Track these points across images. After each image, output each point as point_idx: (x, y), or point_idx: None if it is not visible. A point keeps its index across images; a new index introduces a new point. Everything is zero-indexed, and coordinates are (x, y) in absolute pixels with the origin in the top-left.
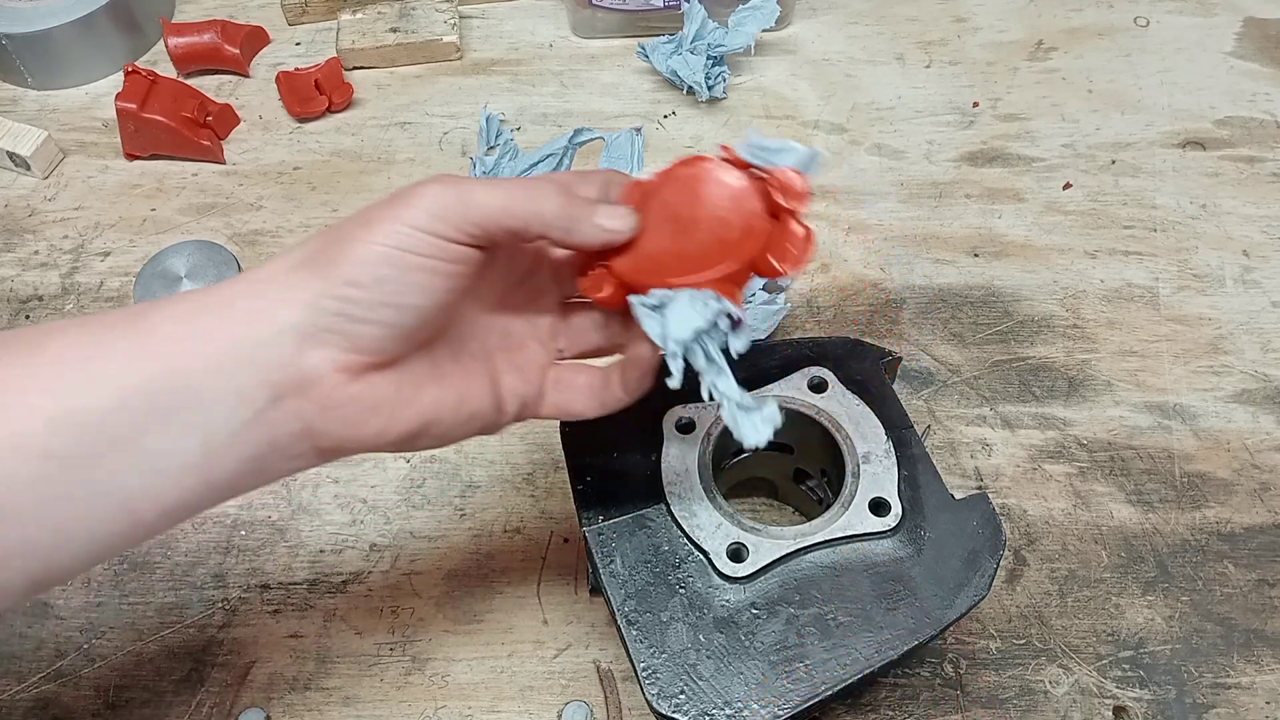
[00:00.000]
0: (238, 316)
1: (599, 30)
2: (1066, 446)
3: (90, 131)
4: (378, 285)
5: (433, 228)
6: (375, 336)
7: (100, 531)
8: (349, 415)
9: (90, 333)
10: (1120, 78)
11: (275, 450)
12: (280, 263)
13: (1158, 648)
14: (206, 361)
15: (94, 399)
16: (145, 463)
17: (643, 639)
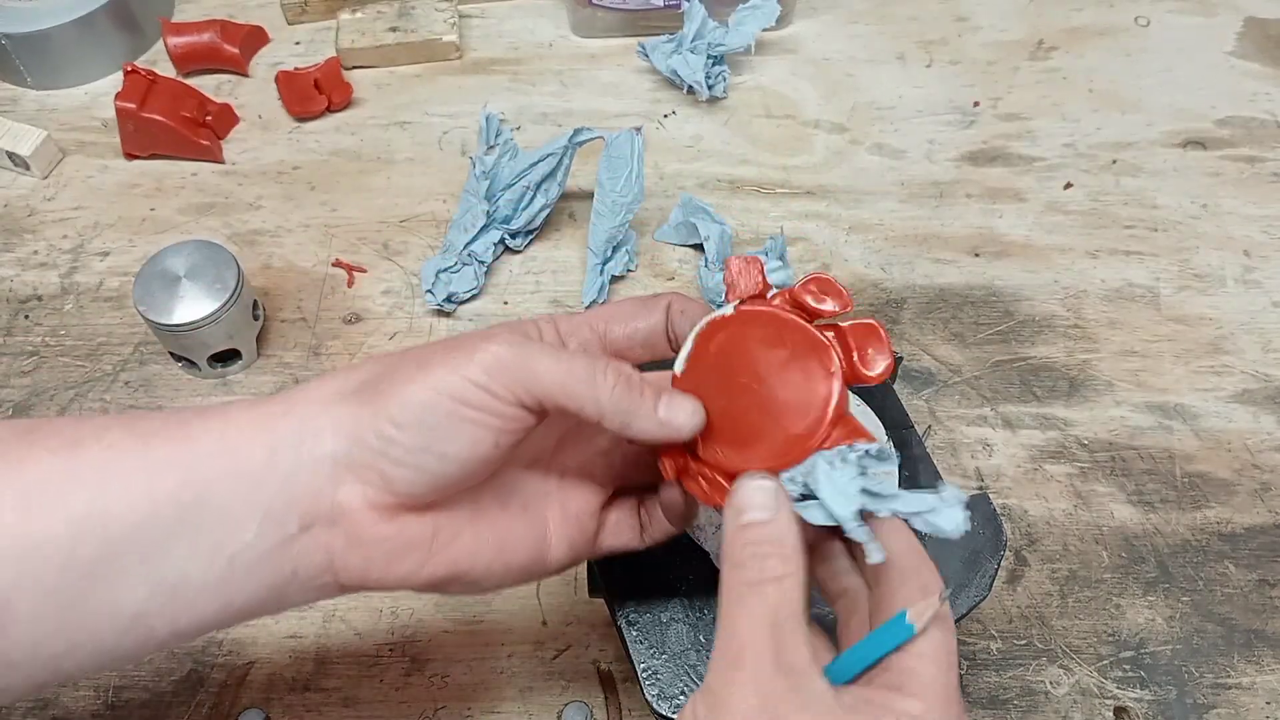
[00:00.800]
0: (278, 438)
1: (599, 29)
2: (1067, 447)
3: (89, 131)
4: (422, 430)
5: (488, 386)
6: (412, 481)
7: (110, 644)
8: (375, 555)
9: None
10: (1121, 77)
11: (297, 579)
12: (328, 386)
13: (1158, 648)
14: (240, 480)
15: (125, 507)
16: (165, 578)
17: (643, 640)
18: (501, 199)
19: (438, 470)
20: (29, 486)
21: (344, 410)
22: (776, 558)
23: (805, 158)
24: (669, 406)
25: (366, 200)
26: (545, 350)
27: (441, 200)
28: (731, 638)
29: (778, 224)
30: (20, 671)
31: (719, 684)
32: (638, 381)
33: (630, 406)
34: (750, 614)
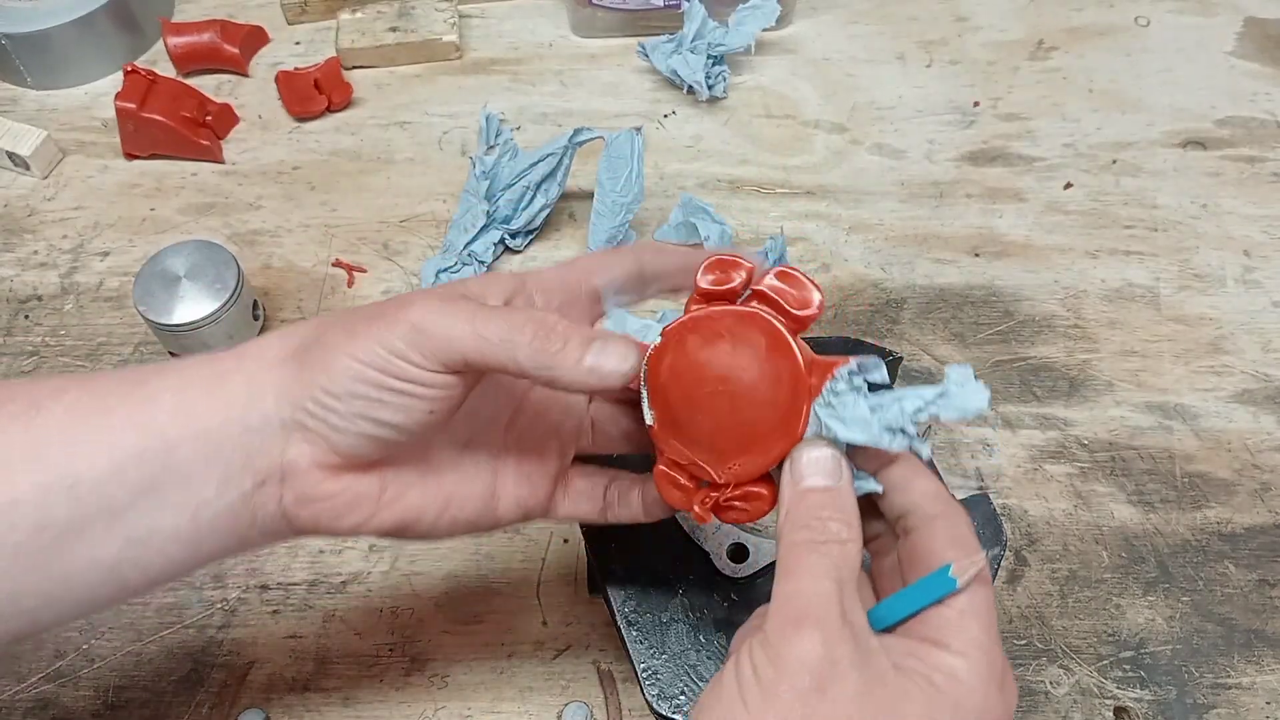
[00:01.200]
0: (230, 398)
1: (599, 29)
2: (1067, 446)
3: (89, 131)
4: (354, 400)
5: (408, 356)
6: (353, 445)
7: (86, 596)
8: (323, 510)
9: (91, 397)
10: (1121, 77)
11: (256, 526)
12: (273, 345)
13: (1158, 648)
14: (199, 442)
15: (89, 467)
16: (135, 533)
17: (643, 639)
18: (501, 199)
19: (377, 434)
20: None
21: (284, 373)
22: (839, 521)
23: (805, 158)
24: (598, 353)
25: (366, 200)
26: (461, 311)
27: (441, 200)
28: (795, 593)
29: (778, 224)
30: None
31: (780, 638)
32: (560, 331)
33: (551, 360)
34: (814, 571)
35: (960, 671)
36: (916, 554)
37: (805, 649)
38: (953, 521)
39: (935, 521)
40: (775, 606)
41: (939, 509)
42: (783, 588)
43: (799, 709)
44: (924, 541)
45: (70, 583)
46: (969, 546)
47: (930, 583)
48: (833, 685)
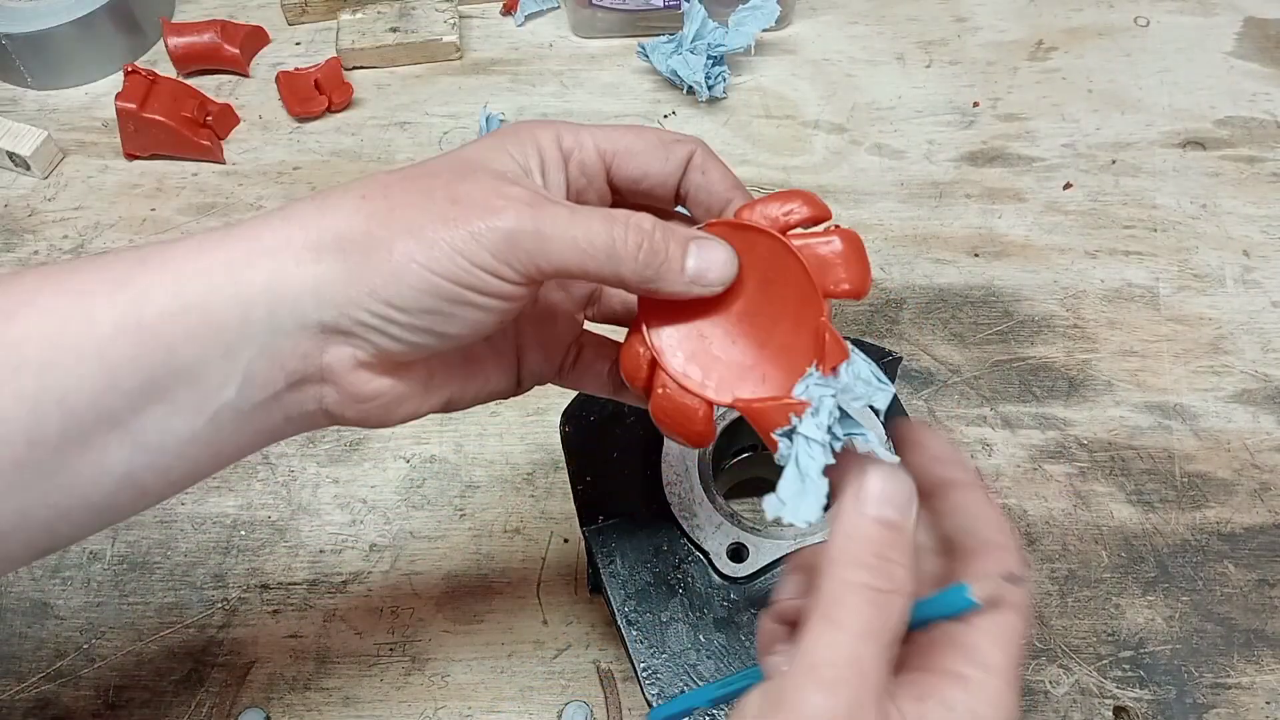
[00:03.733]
0: (246, 295)
1: (599, 30)
2: (1067, 446)
3: (90, 131)
4: (423, 314)
5: (496, 269)
6: (407, 352)
7: (103, 503)
8: (370, 407)
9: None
10: (1120, 78)
11: (289, 422)
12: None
13: (1158, 648)
14: (208, 343)
15: (79, 379)
16: (145, 439)
17: (643, 639)
18: None
19: (434, 345)
20: None
21: (325, 271)
22: (900, 567)
23: (805, 158)
24: (699, 258)
25: None
26: (559, 218)
27: None
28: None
29: None
30: (14, 540)
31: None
32: (660, 239)
33: (656, 271)
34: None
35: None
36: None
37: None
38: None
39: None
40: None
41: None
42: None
43: None
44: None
45: (81, 493)
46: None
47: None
48: None
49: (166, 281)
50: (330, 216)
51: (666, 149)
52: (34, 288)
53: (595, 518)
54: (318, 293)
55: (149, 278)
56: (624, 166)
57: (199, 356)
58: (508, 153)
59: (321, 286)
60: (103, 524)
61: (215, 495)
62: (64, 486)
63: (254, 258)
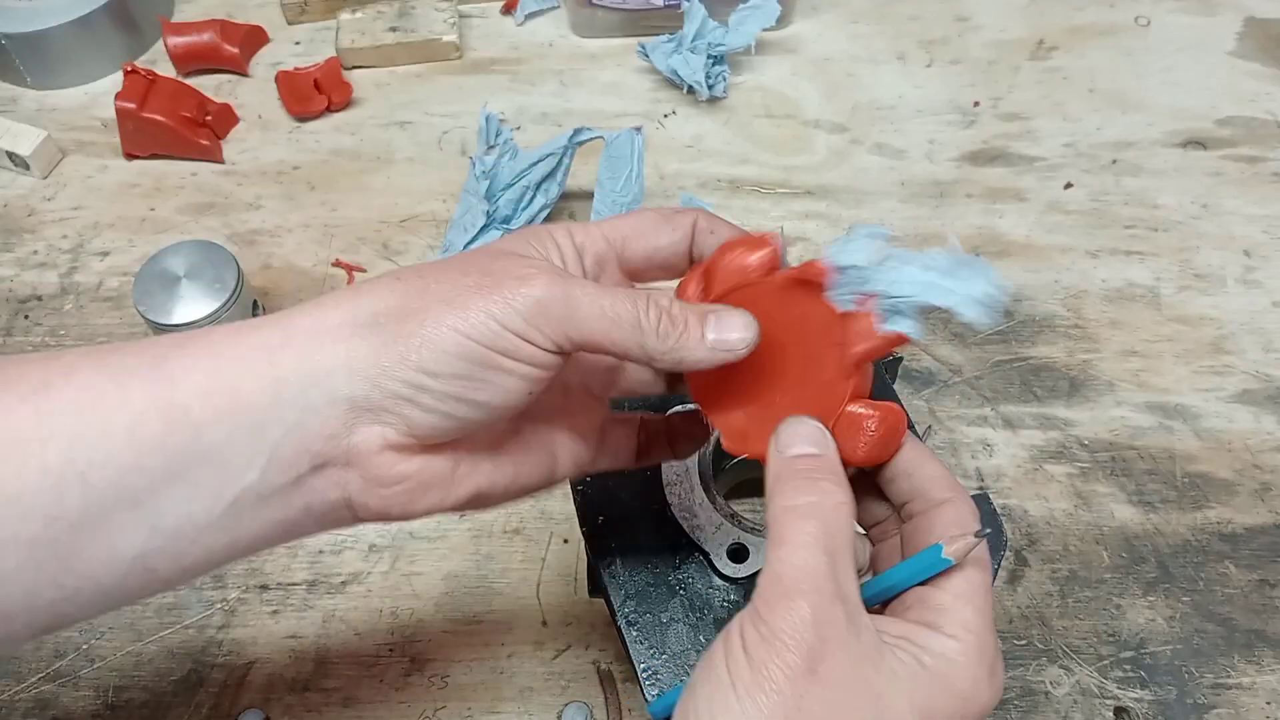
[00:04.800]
0: (279, 375)
1: (599, 29)
2: (1068, 447)
3: (89, 131)
4: (456, 380)
5: (526, 333)
6: (437, 426)
7: (112, 587)
8: (395, 494)
9: (107, 375)
10: (1122, 77)
11: (310, 514)
12: (333, 314)
13: (1159, 648)
14: (237, 423)
15: (104, 454)
16: (162, 523)
17: (643, 640)
18: (501, 199)
19: (467, 416)
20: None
21: (359, 347)
22: (829, 480)
23: (806, 157)
24: (718, 328)
25: (366, 200)
26: (585, 291)
27: (441, 200)
28: (784, 563)
29: (778, 224)
30: (18, 620)
31: (771, 612)
32: (679, 313)
33: (678, 344)
34: (805, 541)
35: (951, 653)
36: (920, 538)
37: (797, 624)
38: (959, 508)
39: (942, 507)
40: (765, 578)
41: (946, 494)
42: (773, 558)
43: (789, 690)
44: (928, 526)
45: (92, 576)
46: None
47: (920, 560)
48: (823, 664)
49: (202, 362)
50: (366, 297)
51: (669, 221)
52: (74, 362)
53: (595, 518)
54: (350, 366)
55: (186, 359)
56: (634, 248)
57: (226, 437)
58: (530, 245)
59: (354, 360)
60: (108, 608)
61: None
62: (76, 569)
63: (291, 339)
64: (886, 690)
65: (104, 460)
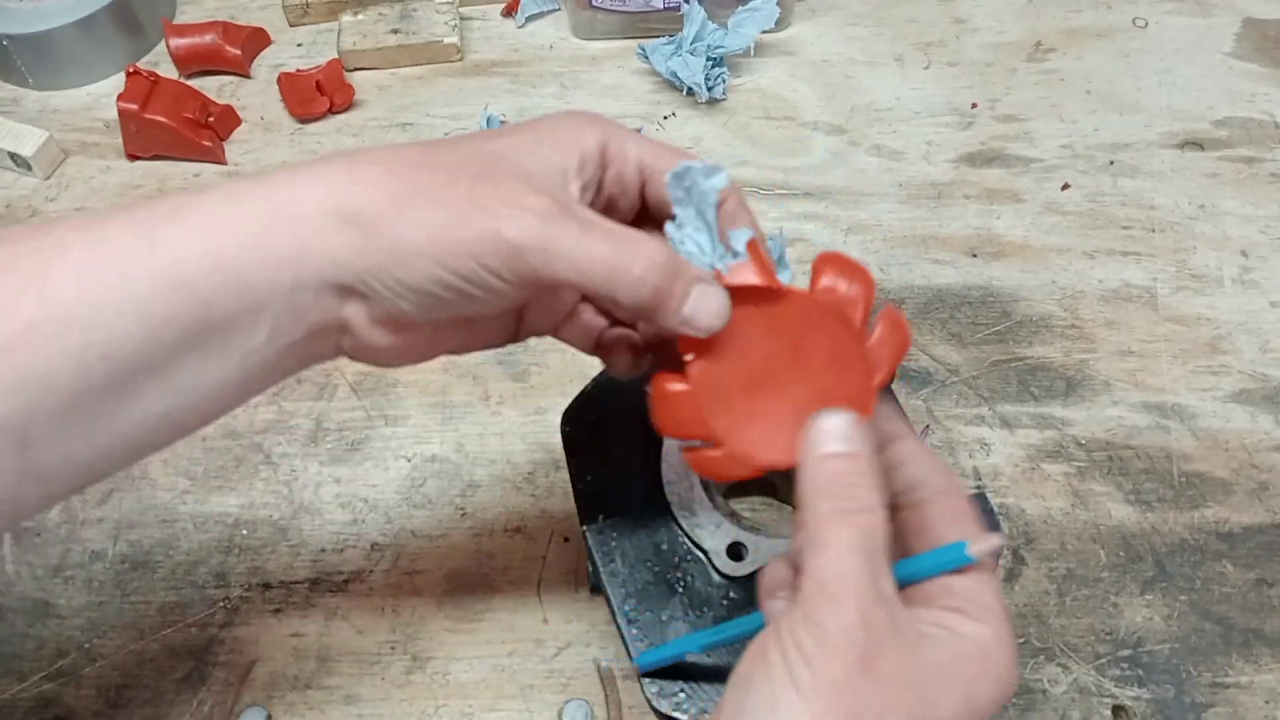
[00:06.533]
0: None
1: (599, 32)
2: (1065, 446)
3: (92, 132)
4: (430, 295)
5: (499, 273)
6: (417, 317)
7: (141, 440)
8: (381, 352)
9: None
10: (1119, 78)
11: (311, 360)
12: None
13: (1156, 647)
14: (241, 296)
15: (121, 333)
16: (181, 384)
17: (643, 638)
18: None
19: (442, 315)
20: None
21: (342, 241)
22: (864, 488)
23: (804, 159)
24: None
25: None
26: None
27: None
28: (828, 569)
29: (777, 225)
30: (58, 481)
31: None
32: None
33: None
34: (846, 546)
35: (983, 638)
36: (922, 527)
37: (848, 627)
38: (958, 499)
39: (944, 497)
40: (810, 583)
41: (947, 485)
42: (816, 563)
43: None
44: (930, 515)
45: (122, 433)
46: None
47: (944, 554)
48: (875, 662)
49: (198, 239)
50: (356, 187)
51: None
52: (63, 241)
53: (595, 517)
54: (335, 260)
55: (182, 234)
56: (659, 188)
57: (231, 310)
58: (542, 152)
59: (338, 254)
60: (139, 458)
61: (217, 494)
62: (106, 429)
63: (282, 218)
64: (931, 679)
65: (121, 340)
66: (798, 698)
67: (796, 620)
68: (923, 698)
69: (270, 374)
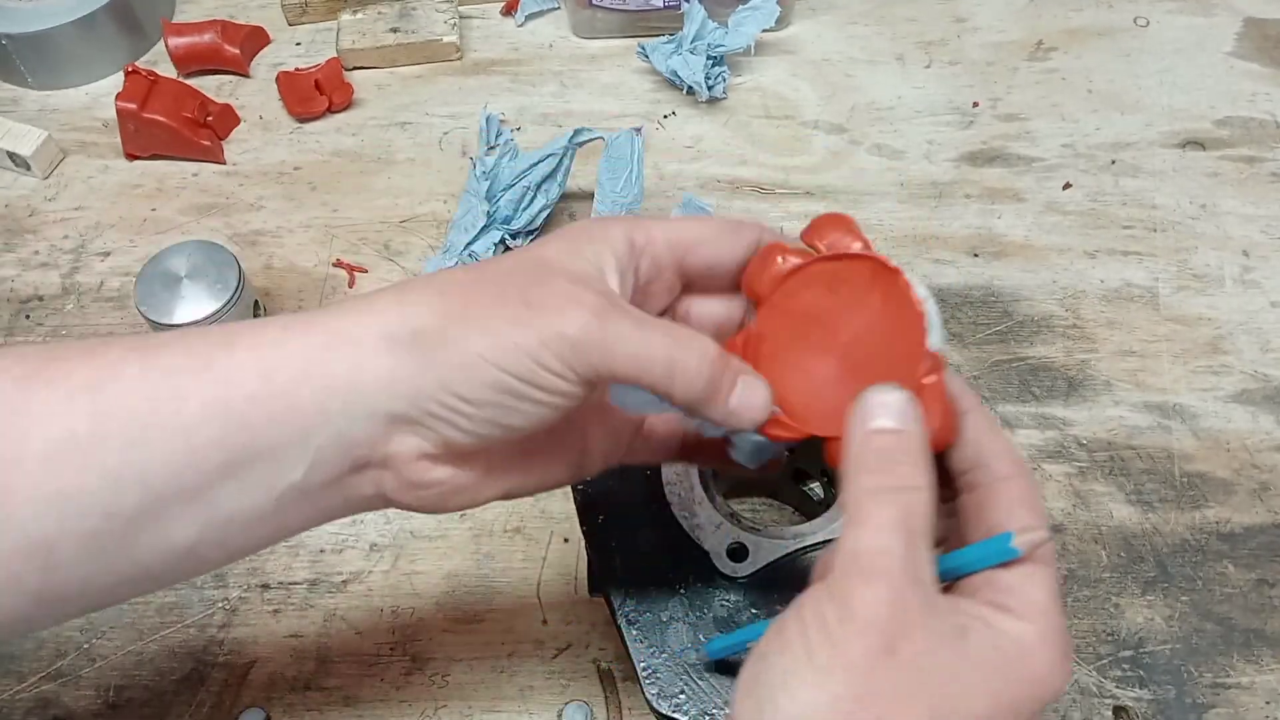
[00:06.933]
0: (325, 382)
1: (599, 30)
2: (1066, 446)
3: (91, 131)
4: (485, 406)
5: (559, 370)
6: (471, 444)
7: (163, 572)
8: (428, 495)
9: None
10: (1120, 78)
11: (347, 505)
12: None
13: (1157, 647)
14: (286, 426)
15: (162, 456)
16: (214, 516)
17: (643, 639)
18: (502, 199)
19: (498, 436)
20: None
21: (399, 364)
22: (908, 465)
23: (805, 158)
24: (742, 395)
25: (367, 200)
26: (624, 330)
27: (442, 201)
28: (861, 543)
29: (778, 224)
30: (73, 604)
31: (847, 591)
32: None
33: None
34: (884, 522)
35: (1025, 637)
36: (979, 513)
37: (874, 605)
38: (1026, 485)
39: (1008, 483)
40: (842, 558)
41: (1012, 470)
42: (850, 537)
43: (867, 668)
44: (992, 500)
45: (145, 564)
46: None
47: (989, 547)
48: (901, 645)
49: (252, 366)
50: (409, 309)
51: (735, 235)
52: (120, 359)
53: (595, 517)
54: (391, 385)
55: (236, 360)
56: (697, 256)
57: (277, 439)
58: (582, 254)
59: (395, 379)
60: (157, 588)
61: None
62: (131, 558)
63: (337, 346)
64: (962, 673)
65: (163, 462)
66: (812, 675)
67: (822, 595)
68: (948, 690)
69: (305, 513)
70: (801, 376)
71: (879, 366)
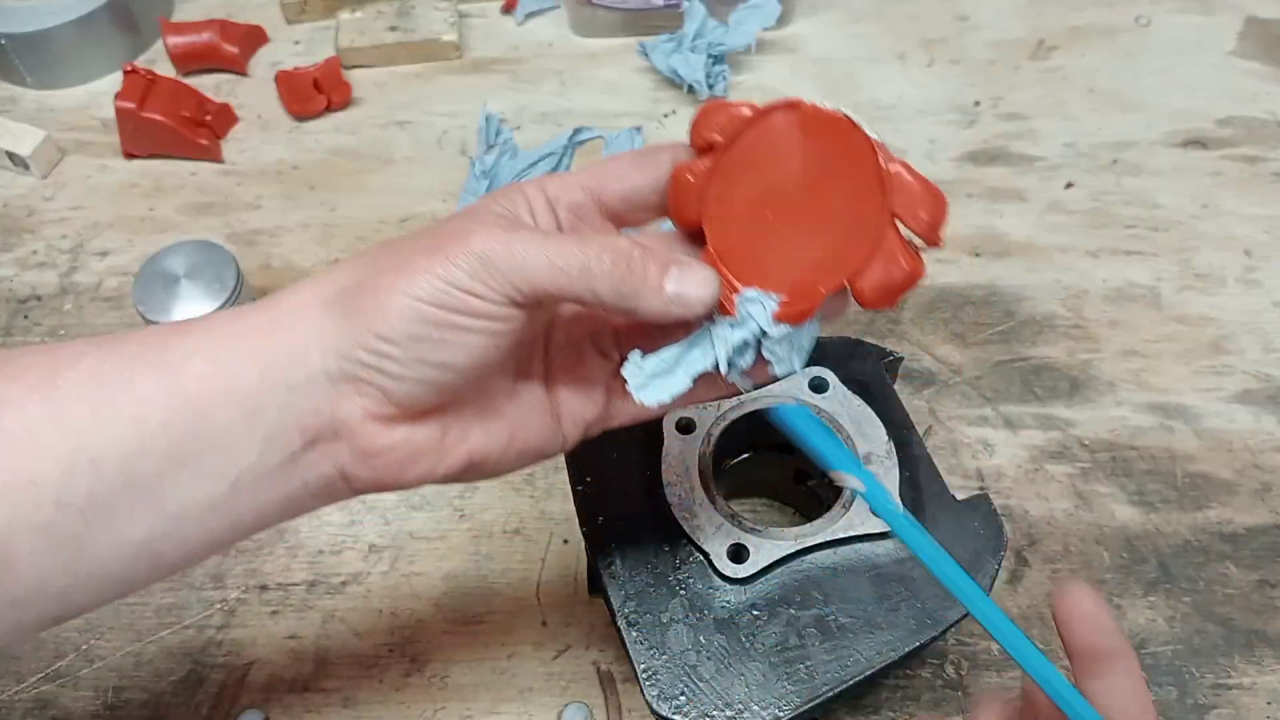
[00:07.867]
0: (267, 357)
1: (599, 29)
2: (1068, 447)
3: (89, 131)
4: (413, 344)
5: (473, 288)
6: (411, 392)
7: (120, 573)
8: (384, 464)
9: (110, 362)
10: (1122, 77)
11: (308, 490)
12: (311, 292)
13: (1159, 648)
14: (233, 404)
15: (113, 440)
16: (168, 507)
17: (643, 640)
18: None
19: (437, 379)
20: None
21: (328, 323)
22: None
23: None
24: (679, 279)
25: (366, 200)
26: (532, 240)
27: (441, 200)
28: None
29: None
30: (31, 608)
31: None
32: (638, 258)
33: (633, 288)
34: None
35: None
36: None
37: None
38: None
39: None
40: None
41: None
42: None
43: None
44: None
45: (101, 561)
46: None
47: None
48: None
49: (202, 348)
50: (334, 273)
51: (646, 158)
52: (78, 352)
53: (595, 518)
54: (321, 343)
55: (187, 344)
56: (612, 191)
57: (225, 420)
58: (497, 204)
59: (325, 336)
60: (116, 595)
61: None
62: (86, 554)
63: (279, 320)
64: None
65: (112, 446)
66: None
67: None
68: None
69: (263, 502)
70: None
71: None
